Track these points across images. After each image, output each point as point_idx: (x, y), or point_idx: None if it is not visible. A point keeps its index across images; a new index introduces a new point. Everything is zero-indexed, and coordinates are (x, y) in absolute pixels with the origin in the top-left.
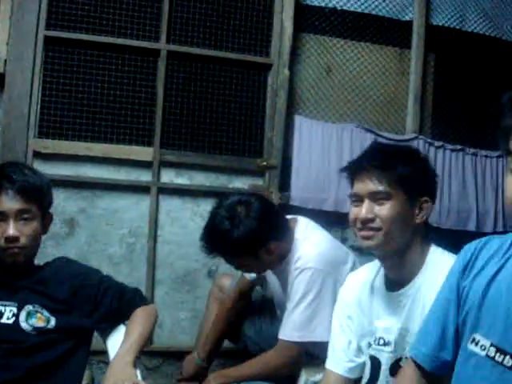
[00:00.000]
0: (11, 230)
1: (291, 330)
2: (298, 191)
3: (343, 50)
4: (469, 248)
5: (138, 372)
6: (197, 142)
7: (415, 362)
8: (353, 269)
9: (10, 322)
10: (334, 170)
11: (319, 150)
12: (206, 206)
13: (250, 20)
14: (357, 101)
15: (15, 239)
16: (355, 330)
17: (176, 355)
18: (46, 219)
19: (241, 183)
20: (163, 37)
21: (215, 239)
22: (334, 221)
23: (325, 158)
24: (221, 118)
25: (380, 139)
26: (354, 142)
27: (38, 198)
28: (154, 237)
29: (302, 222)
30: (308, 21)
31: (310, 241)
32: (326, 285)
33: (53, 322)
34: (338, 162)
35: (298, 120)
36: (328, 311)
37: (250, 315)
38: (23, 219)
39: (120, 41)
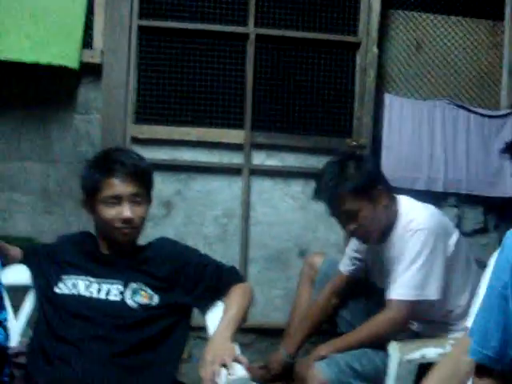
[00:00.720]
0: (128, 211)
1: (405, 288)
2: (389, 170)
3: (433, 25)
4: None
5: (237, 347)
6: (287, 123)
7: (482, 366)
8: (458, 243)
9: (117, 298)
10: (426, 148)
11: (410, 129)
12: (297, 187)
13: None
14: (448, 77)
15: (130, 220)
16: None
17: (269, 332)
18: (151, 200)
19: None
20: (251, 21)
21: (333, 182)
22: (425, 200)
23: (416, 136)
24: (310, 99)
25: (473, 115)
26: (447, 118)
27: (147, 181)
28: (246, 217)
29: (402, 196)
30: None
31: (419, 206)
32: (439, 246)
33: (156, 299)
34: (430, 140)
35: (388, 98)
36: (440, 271)
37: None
38: (135, 202)
39: (210, 27)
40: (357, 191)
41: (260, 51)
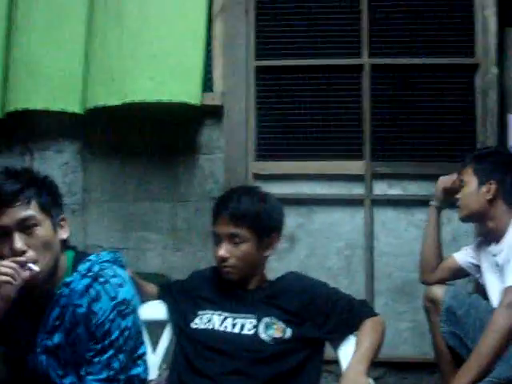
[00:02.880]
0: (221, 251)
1: None
2: None
3: None
4: None
5: (371, 381)
6: (407, 151)
7: None
8: None
9: (251, 333)
10: None
11: None
12: (421, 216)
13: (450, 22)
14: None
15: (225, 259)
16: None
17: (398, 366)
18: (265, 240)
19: None
20: (365, 51)
21: None
22: None
23: None
24: (429, 125)
25: None
26: None
27: (248, 223)
28: (370, 248)
29: None
30: None
31: None
32: None
33: (289, 332)
34: None
35: None
36: None
37: None
38: (234, 242)
39: (324, 61)
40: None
41: (375, 80)
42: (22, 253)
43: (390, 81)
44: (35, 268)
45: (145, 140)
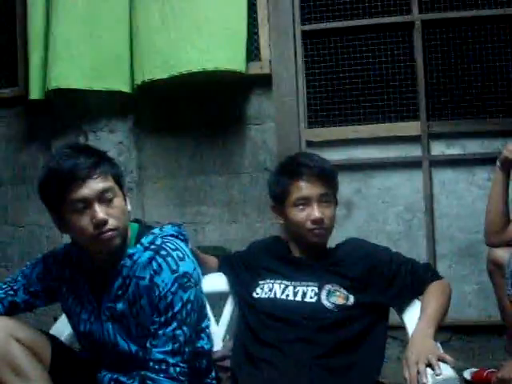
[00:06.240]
0: (317, 212)
1: None
2: None
3: None
4: None
5: (439, 344)
6: (465, 108)
7: None
8: None
9: (313, 300)
10: None
11: None
12: (483, 175)
13: None
14: None
15: (320, 221)
16: None
17: (463, 329)
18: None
19: None
20: (415, 8)
21: None
22: None
23: None
24: (487, 80)
25: None
26: None
27: (332, 182)
28: (430, 211)
29: None
30: None
31: None
32: None
33: (351, 299)
34: None
35: None
36: None
37: None
38: (324, 202)
39: (373, 21)
40: None
41: (428, 37)
42: (104, 222)
43: (443, 36)
44: None
45: (195, 114)
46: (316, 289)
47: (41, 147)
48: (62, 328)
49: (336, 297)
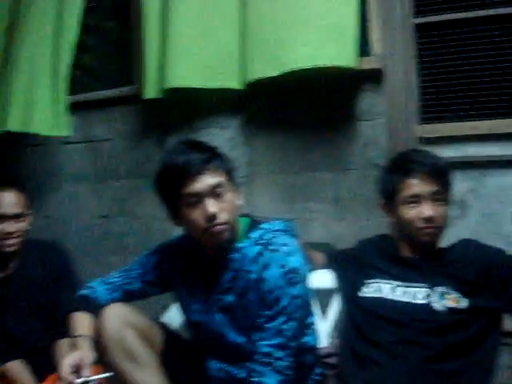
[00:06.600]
0: (429, 210)
1: None
2: None
3: None
4: None
5: None
6: None
7: None
8: None
9: (424, 302)
10: None
11: None
12: None
13: None
14: None
15: (432, 219)
16: None
17: None
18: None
19: None
20: None
21: None
22: None
23: None
24: None
25: None
26: None
27: (445, 180)
28: None
29: None
30: None
31: None
32: None
33: (464, 302)
34: None
35: None
36: None
37: None
38: (436, 200)
39: (492, 11)
40: None
41: None
42: (215, 216)
43: None
44: None
45: (304, 110)
46: (427, 290)
47: (155, 143)
48: (174, 317)
49: (447, 299)
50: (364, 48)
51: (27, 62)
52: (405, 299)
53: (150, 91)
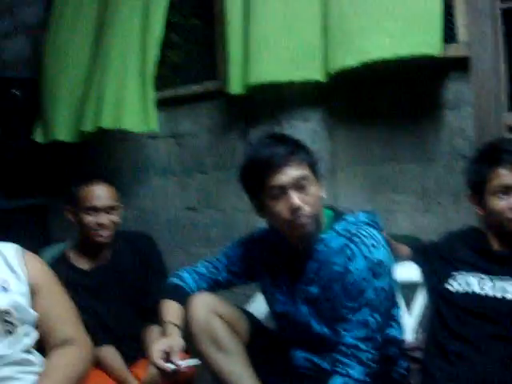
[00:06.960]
0: None
1: None
2: None
3: None
4: None
5: None
6: None
7: None
8: None
9: None
10: None
11: None
12: None
13: None
14: None
15: None
16: None
17: None
18: None
19: None
20: None
21: None
22: None
23: None
24: None
25: None
26: None
27: None
28: None
29: None
30: None
31: None
32: None
33: None
34: None
35: None
36: None
37: None
38: None
39: None
40: None
41: None
42: (299, 208)
43: None
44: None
45: (387, 100)
46: None
47: (239, 137)
48: (259, 307)
49: None
50: (449, 35)
51: (117, 59)
52: (494, 294)
53: (235, 86)
